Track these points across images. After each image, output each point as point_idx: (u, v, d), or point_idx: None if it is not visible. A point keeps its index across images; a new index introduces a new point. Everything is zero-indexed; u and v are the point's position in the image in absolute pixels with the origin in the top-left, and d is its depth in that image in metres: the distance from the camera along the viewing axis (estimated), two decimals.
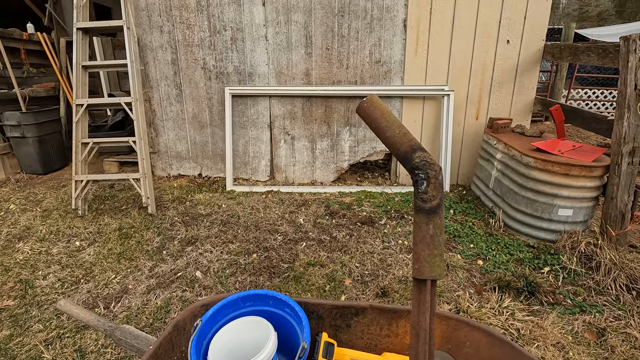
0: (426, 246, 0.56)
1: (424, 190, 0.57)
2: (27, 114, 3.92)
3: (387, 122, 0.60)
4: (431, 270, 0.56)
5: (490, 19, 3.32)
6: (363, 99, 0.63)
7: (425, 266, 0.56)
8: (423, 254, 0.57)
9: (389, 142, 0.60)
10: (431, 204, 0.56)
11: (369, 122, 0.62)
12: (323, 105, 3.64)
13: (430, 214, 0.57)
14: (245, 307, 1.04)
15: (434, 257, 0.56)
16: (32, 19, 4.94)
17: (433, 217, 0.57)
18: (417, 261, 0.57)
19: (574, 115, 2.92)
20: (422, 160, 0.57)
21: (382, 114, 0.61)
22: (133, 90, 3.00)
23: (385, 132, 0.60)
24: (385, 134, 0.60)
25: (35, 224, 3.01)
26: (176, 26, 3.48)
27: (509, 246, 2.60)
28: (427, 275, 0.56)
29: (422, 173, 0.57)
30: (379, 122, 0.60)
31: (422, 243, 0.57)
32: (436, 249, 0.56)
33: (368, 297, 2.16)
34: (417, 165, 0.57)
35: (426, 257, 0.56)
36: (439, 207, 0.57)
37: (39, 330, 1.91)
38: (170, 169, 3.95)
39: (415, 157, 0.57)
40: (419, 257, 0.57)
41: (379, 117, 0.61)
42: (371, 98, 0.62)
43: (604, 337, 1.84)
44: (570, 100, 7.64)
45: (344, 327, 1.12)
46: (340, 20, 3.40)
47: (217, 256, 2.55)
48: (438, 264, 0.57)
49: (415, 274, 0.58)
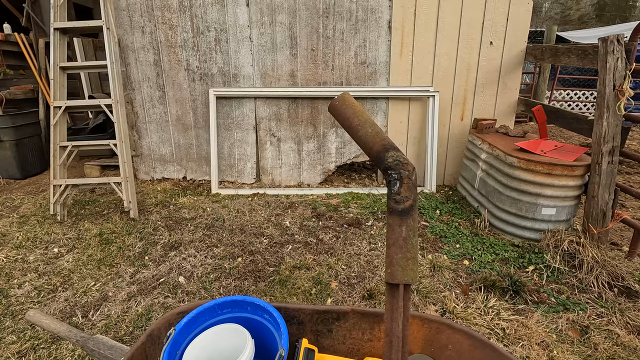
0: (399, 249, 0.54)
1: (396, 190, 0.54)
2: (4, 117, 3.79)
3: (359, 121, 0.58)
4: (404, 274, 0.54)
5: (473, 20, 3.36)
6: (335, 97, 0.60)
7: (398, 270, 0.54)
8: (396, 257, 0.54)
9: (361, 142, 0.57)
10: (404, 205, 0.54)
11: (341, 121, 0.60)
12: (309, 107, 3.62)
13: (404, 215, 0.54)
14: (223, 314, 1.00)
15: (407, 260, 0.54)
16: (9, 19, 4.80)
17: (406, 219, 0.54)
18: (389, 265, 0.55)
19: (556, 115, 2.97)
20: (395, 160, 0.55)
21: (355, 113, 0.58)
22: (113, 92, 2.93)
23: (357, 131, 0.57)
24: (358, 133, 0.57)
25: (12, 231, 2.90)
26: (158, 27, 3.41)
27: (494, 246, 2.61)
28: (400, 279, 0.54)
29: (394, 173, 0.54)
30: (351, 121, 0.58)
31: (395, 246, 0.54)
32: (409, 252, 0.54)
33: (354, 300, 2.13)
34: (390, 165, 0.55)
35: (399, 261, 0.54)
36: (412, 209, 0.54)
37: (12, 342, 1.83)
38: (154, 173, 3.86)
39: (388, 156, 0.55)
40: (391, 260, 0.54)
41: (350, 116, 0.58)
42: (343, 96, 0.60)
43: (587, 335, 1.85)
44: (553, 101, 7.80)
45: (326, 332, 1.09)
46: (325, 21, 3.39)
47: (201, 261, 2.50)
48: (411, 268, 0.54)
49: (387, 278, 0.55)
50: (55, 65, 2.90)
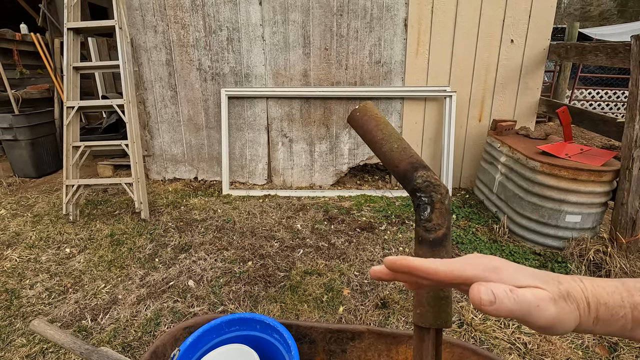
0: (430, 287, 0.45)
1: (427, 217, 0.46)
2: (20, 116, 3.84)
3: (383, 135, 0.50)
4: (436, 317, 0.45)
5: (493, 17, 3.23)
6: (355, 108, 0.53)
7: (429, 312, 0.45)
8: (427, 296, 0.45)
9: (386, 158, 0.49)
10: (436, 234, 0.45)
11: (363, 134, 0.52)
12: (322, 107, 3.55)
13: (435, 246, 0.45)
14: (230, 332, 0.95)
15: (439, 300, 0.45)
16: (25, 20, 4.87)
17: (438, 251, 0.45)
18: (418, 304, 0.46)
19: (581, 116, 2.82)
20: (425, 181, 0.46)
21: (378, 125, 0.51)
22: (125, 92, 2.91)
23: (381, 146, 0.49)
24: (382, 149, 0.49)
25: (25, 230, 2.92)
26: (170, 26, 3.39)
27: (514, 253, 2.50)
28: (431, 323, 0.45)
29: (425, 196, 0.46)
30: (374, 135, 0.50)
31: None
32: (442, 291, 0.45)
33: (367, 308, 2.06)
34: (419, 186, 0.46)
35: (430, 301, 0.45)
36: (445, 238, 0.46)
37: (22, 345, 1.82)
38: (166, 173, 3.86)
39: (417, 176, 0.47)
40: (421, 299, 0.46)
41: (373, 129, 0.50)
42: (365, 106, 0.52)
43: (616, 353, 1.74)
44: (574, 100, 7.54)
45: (339, 353, 1.02)
46: (339, 19, 3.31)
47: (211, 264, 2.46)
48: (444, 309, 0.46)
49: (416, 319, 0.47)
50: (68, 65, 2.91)
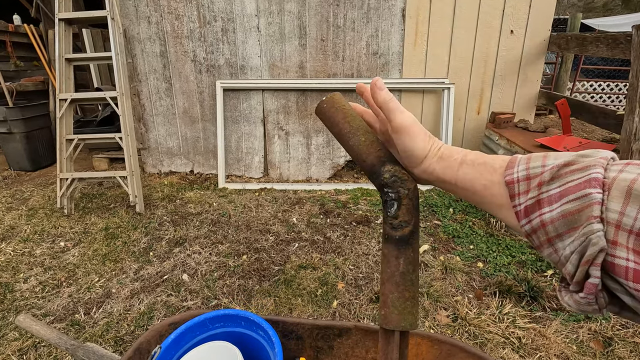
0: (395, 286, 0.43)
1: (393, 213, 0.43)
2: (14, 109, 3.80)
3: (350, 128, 0.47)
4: (400, 319, 0.43)
5: (493, 8, 3.16)
6: (323, 99, 0.50)
7: (394, 313, 0.43)
8: (391, 296, 0.43)
9: (353, 152, 0.47)
10: (402, 231, 0.43)
11: (330, 127, 0.49)
12: (318, 99, 3.50)
13: (401, 245, 0.43)
14: (214, 328, 0.93)
15: (405, 300, 0.43)
16: (19, 11, 4.80)
17: (405, 250, 0.43)
18: (383, 305, 0.44)
19: (581, 109, 2.78)
20: (392, 176, 0.44)
21: (345, 117, 0.48)
22: (118, 84, 2.87)
23: (348, 139, 0.47)
24: (349, 142, 0.47)
25: (20, 224, 2.91)
26: (164, 17, 3.33)
27: (510, 247, 2.48)
28: (395, 324, 0.43)
29: (392, 192, 0.44)
30: (341, 127, 0.48)
31: (390, 282, 0.44)
32: (407, 291, 0.43)
33: (361, 302, 2.05)
34: (387, 181, 0.44)
35: (394, 301, 0.43)
36: (412, 236, 0.44)
37: (15, 339, 1.82)
38: (161, 166, 3.83)
39: (384, 171, 0.44)
40: (385, 300, 0.44)
41: (340, 121, 0.48)
42: (332, 97, 0.49)
43: (611, 347, 1.73)
44: (575, 93, 7.46)
45: (326, 349, 1.01)
46: (336, 9, 3.25)
47: (205, 258, 2.45)
48: (410, 311, 0.44)
49: (381, 322, 0.45)
50: (60, 56, 2.86)
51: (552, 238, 0.31)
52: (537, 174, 0.33)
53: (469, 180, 0.39)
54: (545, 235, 0.32)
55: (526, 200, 0.33)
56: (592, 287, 0.28)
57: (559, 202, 0.30)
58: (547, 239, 0.32)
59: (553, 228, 0.31)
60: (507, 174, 0.36)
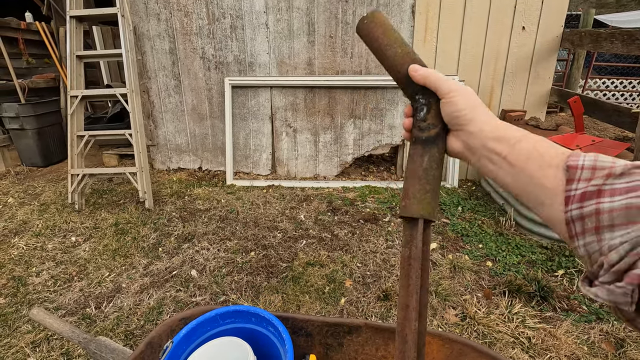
0: (417, 180, 0.47)
1: (422, 117, 0.49)
2: (26, 106, 3.86)
3: (388, 40, 0.51)
4: (419, 208, 0.46)
5: (504, 3, 3.12)
6: (364, 15, 0.53)
7: (413, 203, 0.47)
8: (412, 189, 0.47)
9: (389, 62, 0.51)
10: (429, 133, 0.48)
11: (369, 42, 0.52)
12: (326, 97, 3.50)
13: (427, 144, 0.48)
14: (225, 324, 0.93)
15: (425, 192, 0.47)
16: (30, 8, 4.86)
17: (430, 149, 0.48)
18: (405, 197, 0.48)
19: (594, 107, 2.73)
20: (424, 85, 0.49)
21: (385, 32, 0.51)
22: (128, 80, 2.90)
23: (386, 51, 0.51)
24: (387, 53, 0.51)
25: (32, 219, 2.96)
26: (174, 14, 3.34)
27: (520, 247, 2.46)
28: (413, 212, 0.47)
29: (423, 98, 0.49)
30: (380, 42, 0.51)
31: (413, 177, 0.48)
32: (429, 184, 0.47)
33: (369, 300, 2.05)
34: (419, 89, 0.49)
35: (415, 193, 0.47)
36: (438, 138, 0.48)
37: (28, 332, 1.85)
38: (170, 162, 3.86)
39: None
40: (407, 192, 0.48)
41: (380, 36, 0.51)
42: (372, 13, 0.52)
43: (623, 349, 1.70)
44: (587, 90, 7.33)
45: (336, 346, 1.01)
46: (345, 6, 3.23)
47: (213, 254, 2.47)
48: (429, 202, 0.47)
49: (402, 211, 0.48)
50: (71, 53, 2.89)
51: (602, 227, 0.32)
52: (606, 167, 0.34)
53: (524, 155, 0.40)
54: (595, 223, 0.33)
55: (586, 187, 0.34)
56: (636, 278, 0.29)
57: (625, 195, 0.31)
58: (595, 227, 0.33)
59: (609, 217, 0.32)
60: (572, 160, 0.37)
